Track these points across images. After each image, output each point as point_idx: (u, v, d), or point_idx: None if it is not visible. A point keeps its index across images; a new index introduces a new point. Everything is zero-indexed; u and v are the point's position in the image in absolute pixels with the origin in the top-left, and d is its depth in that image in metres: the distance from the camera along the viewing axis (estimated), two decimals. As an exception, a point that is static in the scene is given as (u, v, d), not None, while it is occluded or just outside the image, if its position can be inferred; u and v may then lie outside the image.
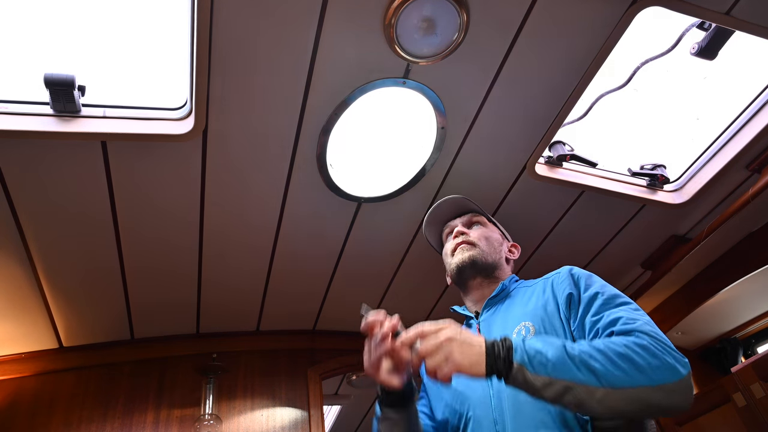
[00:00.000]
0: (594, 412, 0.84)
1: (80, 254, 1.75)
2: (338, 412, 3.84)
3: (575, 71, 1.45)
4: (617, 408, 0.82)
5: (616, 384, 0.83)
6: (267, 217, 1.79)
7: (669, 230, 2.15)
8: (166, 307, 2.13)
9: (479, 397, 1.06)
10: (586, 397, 0.83)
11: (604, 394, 0.82)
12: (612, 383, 0.83)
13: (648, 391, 0.82)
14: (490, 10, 1.28)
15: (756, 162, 1.79)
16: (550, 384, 0.85)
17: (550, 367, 0.85)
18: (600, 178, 1.88)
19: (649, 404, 0.82)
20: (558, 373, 0.85)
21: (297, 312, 2.38)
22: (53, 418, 2.00)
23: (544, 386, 0.85)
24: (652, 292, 2.43)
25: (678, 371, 0.84)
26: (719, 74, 1.72)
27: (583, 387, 0.83)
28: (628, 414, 0.84)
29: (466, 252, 1.30)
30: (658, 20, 1.40)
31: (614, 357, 0.85)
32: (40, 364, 2.10)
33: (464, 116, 1.57)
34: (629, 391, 0.82)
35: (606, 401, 0.82)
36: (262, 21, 1.23)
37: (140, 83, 1.47)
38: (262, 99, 1.40)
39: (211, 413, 2.13)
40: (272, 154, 1.57)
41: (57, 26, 1.36)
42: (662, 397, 0.82)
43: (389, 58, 1.35)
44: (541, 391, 0.85)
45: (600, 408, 0.83)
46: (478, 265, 1.28)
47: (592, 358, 0.85)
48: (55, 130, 1.33)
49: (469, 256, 1.29)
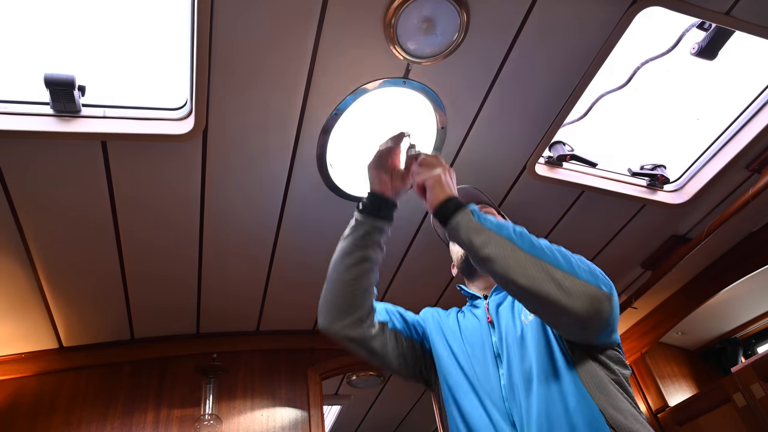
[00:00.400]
0: (504, 271, 0.92)
1: (80, 254, 1.75)
2: (338, 412, 3.84)
3: (575, 71, 1.45)
4: (528, 274, 0.90)
5: (539, 255, 0.92)
6: (267, 217, 1.79)
7: (669, 230, 2.15)
8: (166, 307, 2.13)
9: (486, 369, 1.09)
10: (507, 254, 0.92)
11: (524, 257, 0.91)
12: (536, 254, 0.92)
13: (561, 273, 0.90)
14: (490, 10, 1.28)
15: (756, 162, 1.79)
16: (483, 232, 0.97)
17: (491, 224, 0.99)
18: (600, 178, 1.88)
19: (558, 283, 0.88)
20: (495, 229, 0.97)
21: (297, 312, 2.38)
22: (53, 418, 2.00)
23: (477, 231, 0.97)
24: (652, 292, 2.43)
25: (598, 278, 0.92)
26: (719, 74, 1.72)
27: (509, 244, 0.94)
28: (532, 290, 0.89)
29: None
30: (658, 20, 1.40)
31: (550, 245, 0.97)
32: (41, 364, 2.10)
33: (464, 116, 1.57)
34: (547, 265, 0.91)
35: (522, 263, 0.91)
36: (263, 21, 1.23)
37: (140, 83, 1.47)
38: (262, 99, 1.40)
39: (211, 413, 2.13)
40: (272, 154, 1.57)
41: (57, 26, 1.36)
42: (571, 284, 0.89)
43: (389, 58, 1.35)
44: (472, 235, 0.97)
45: (512, 270, 0.91)
46: None
47: (532, 237, 0.97)
48: (55, 130, 1.33)
49: None
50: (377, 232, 1.17)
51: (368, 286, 1.16)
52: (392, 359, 1.19)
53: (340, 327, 1.13)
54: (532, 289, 0.90)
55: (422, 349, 1.25)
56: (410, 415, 3.94)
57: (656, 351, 2.94)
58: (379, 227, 1.17)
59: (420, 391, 3.56)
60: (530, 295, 0.91)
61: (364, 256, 1.15)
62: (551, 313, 0.92)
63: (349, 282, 1.14)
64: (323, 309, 1.16)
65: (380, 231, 1.18)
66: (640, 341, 2.79)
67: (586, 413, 0.90)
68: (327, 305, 1.16)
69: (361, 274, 1.14)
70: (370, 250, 1.16)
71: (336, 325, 1.14)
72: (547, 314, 0.94)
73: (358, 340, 1.14)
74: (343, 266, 1.16)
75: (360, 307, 1.14)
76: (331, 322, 1.14)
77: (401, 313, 1.28)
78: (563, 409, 0.92)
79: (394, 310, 1.26)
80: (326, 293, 1.17)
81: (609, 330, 0.96)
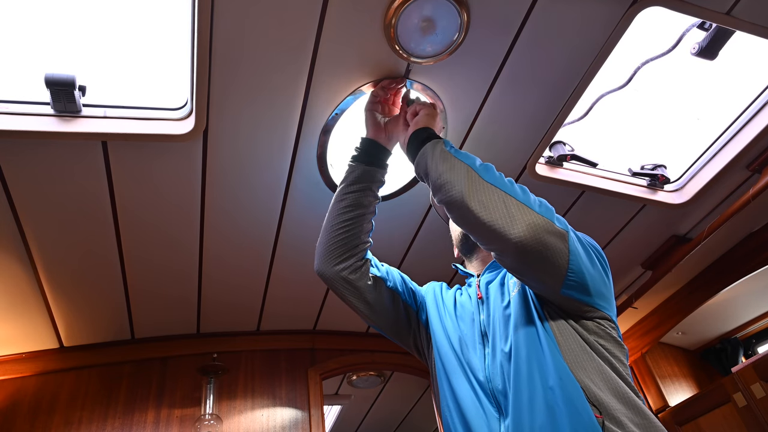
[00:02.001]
0: (460, 196, 0.96)
1: (81, 254, 1.75)
2: (338, 412, 3.85)
3: (575, 71, 1.45)
4: (482, 199, 0.94)
5: (497, 184, 0.97)
6: (268, 216, 1.79)
7: (669, 230, 2.15)
8: (166, 307, 2.13)
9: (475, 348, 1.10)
10: (465, 179, 0.97)
11: (482, 184, 0.96)
12: (495, 182, 0.97)
13: (515, 201, 0.93)
14: (490, 11, 1.28)
15: (756, 162, 1.79)
16: (449, 160, 1.02)
17: (459, 154, 1.04)
18: (600, 178, 1.87)
19: (507, 209, 0.92)
20: (461, 157, 1.02)
21: (297, 312, 2.38)
22: (54, 418, 2.01)
23: (444, 159, 1.02)
24: (652, 292, 2.43)
25: (552, 214, 0.95)
26: (719, 74, 1.72)
27: (472, 173, 0.98)
28: (482, 216, 0.93)
29: None
30: (659, 20, 1.40)
31: (508, 179, 1.00)
32: (41, 364, 2.10)
33: (464, 116, 1.57)
34: (503, 193, 0.95)
35: (479, 188, 0.96)
36: (263, 21, 1.23)
37: (141, 83, 1.47)
38: (262, 99, 1.40)
39: (211, 413, 2.13)
40: (273, 154, 1.57)
41: (57, 26, 1.36)
42: (518, 211, 0.92)
43: (389, 58, 1.35)
44: (439, 161, 1.03)
45: (468, 195, 0.95)
46: None
47: (495, 170, 1.02)
48: (55, 130, 1.33)
49: None
50: (368, 177, 1.20)
51: (360, 233, 1.19)
52: (385, 317, 1.22)
53: (332, 271, 1.16)
54: (482, 215, 0.93)
55: (417, 318, 1.26)
56: (410, 415, 3.95)
57: (656, 351, 2.94)
58: (370, 172, 1.20)
59: (420, 391, 3.56)
60: (480, 222, 0.93)
61: (356, 201, 1.18)
62: (493, 240, 0.94)
63: (340, 226, 1.17)
64: (318, 252, 1.20)
65: (371, 176, 1.21)
66: (640, 341, 2.80)
67: (566, 390, 0.88)
68: (321, 248, 1.19)
69: (353, 219, 1.17)
70: (361, 196, 1.19)
71: (328, 268, 1.16)
72: (489, 241, 0.96)
73: (352, 286, 1.16)
74: (335, 211, 1.19)
75: (352, 253, 1.17)
76: (324, 265, 1.17)
77: (403, 277, 1.30)
78: (542, 386, 0.91)
79: (396, 271, 1.29)
80: (320, 237, 1.21)
81: (574, 278, 0.93)
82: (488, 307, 1.12)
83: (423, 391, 3.53)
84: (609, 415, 0.85)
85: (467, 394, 1.04)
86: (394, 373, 3.14)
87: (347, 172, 1.23)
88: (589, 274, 0.96)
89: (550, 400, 0.89)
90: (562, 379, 0.90)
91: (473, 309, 1.16)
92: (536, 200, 0.97)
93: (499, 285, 1.14)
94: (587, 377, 0.90)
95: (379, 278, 1.22)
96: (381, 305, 1.20)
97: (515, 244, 0.89)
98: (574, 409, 0.86)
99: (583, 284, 0.95)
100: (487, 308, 1.13)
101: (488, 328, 1.09)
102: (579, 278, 0.94)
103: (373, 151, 1.24)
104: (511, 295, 1.07)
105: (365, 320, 1.23)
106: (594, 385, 0.89)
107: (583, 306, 0.98)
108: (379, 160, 1.23)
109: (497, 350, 1.03)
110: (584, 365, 0.92)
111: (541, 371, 0.93)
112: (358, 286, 1.17)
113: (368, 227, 1.21)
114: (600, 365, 0.92)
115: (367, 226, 1.21)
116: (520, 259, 0.93)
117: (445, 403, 1.09)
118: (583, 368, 0.91)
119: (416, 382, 3.15)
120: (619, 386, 0.90)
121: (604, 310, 1.00)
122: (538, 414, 0.89)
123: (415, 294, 1.29)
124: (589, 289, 0.96)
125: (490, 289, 1.16)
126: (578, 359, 0.92)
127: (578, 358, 0.93)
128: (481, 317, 1.13)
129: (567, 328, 0.97)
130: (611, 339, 0.98)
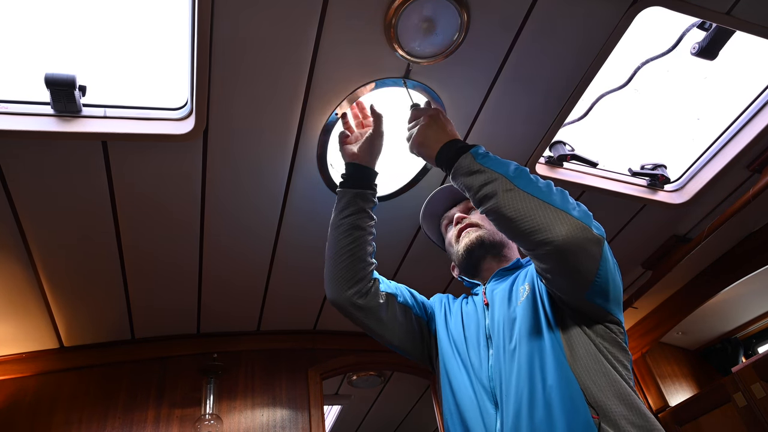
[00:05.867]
0: (497, 202, 0.96)
1: (81, 254, 1.75)
2: (339, 412, 3.85)
3: (575, 71, 1.45)
4: (518, 207, 0.93)
5: (532, 191, 0.95)
6: (268, 216, 1.79)
7: (669, 230, 2.15)
8: (166, 307, 2.13)
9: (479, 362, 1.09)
10: (500, 188, 0.96)
11: (519, 196, 0.95)
12: (531, 190, 0.95)
13: (553, 207, 0.92)
14: (490, 11, 1.28)
15: (756, 162, 1.79)
16: (483, 173, 1.01)
17: (491, 161, 1.03)
18: (600, 178, 1.88)
19: (546, 211, 0.91)
20: (494, 166, 1.01)
21: (298, 312, 2.38)
22: (54, 418, 2.00)
23: (480, 172, 1.01)
24: (652, 292, 2.43)
25: (590, 219, 0.93)
26: (719, 74, 1.72)
27: (507, 183, 0.97)
28: (521, 221, 0.92)
29: (473, 233, 1.30)
30: (659, 20, 1.40)
31: (549, 183, 0.99)
32: (41, 364, 2.10)
33: (465, 116, 1.57)
34: (536, 200, 0.94)
35: (516, 198, 0.94)
36: (263, 21, 1.23)
37: (141, 83, 1.47)
38: (262, 99, 1.40)
39: (211, 413, 2.13)
40: (273, 154, 1.57)
41: (57, 26, 1.36)
42: (557, 213, 0.91)
43: (389, 58, 1.35)
44: (473, 177, 1.01)
45: (503, 199, 0.95)
46: (487, 243, 1.28)
47: (531, 175, 1.00)
48: (55, 130, 1.33)
49: (476, 237, 1.28)
50: (359, 200, 1.21)
51: (363, 255, 1.19)
52: (400, 333, 1.22)
53: (344, 298, 1.16)
54: (520, 224, 0.92)
55: (428, 329, 1.28)
56: (410, 415, 3.94)
57: (656, 351, 2.94)
58: (359, 195, 1.21)
59: (420, 391, 3.56)
60: (518, 231, 0.93)
61: (352, 225, 1.19)
62: (533, 241, 0.93)
63: (342, 252, 1.18)
64: (326, 283, 1.20)
65: (362, 198, 1.21)
66: (640, 341, 2.79)
67: (565, 389, 0.89)
68: (328, 278, 1.20)
69: (353, 243, 1.18)
70: (356, 219, 1.19)
71: (341, 296, 1.17)
72: (528, 242, 0.95)
73: (365, 308, 1.17)
74: (334, 238, 1.20)
75: (360, 277, 1.17)
76: (335, 293, 1.18)
77: (411, 291, 1.31)
78: (542, 384, 0.92)
79: (403, 287, 1.30)
80: (326, 267, 1.21)
81: (600, 284, 0.93)
82: (494, 312, 1.13)
83: (423, 391, 3.53)
84: (606, 416, 0.86)
85: (467, 394, 1.04)
86: (394, 373, 3.14)
87: (337, 199, 1.25)
88: (612, 281, 0.97)
89: (549, 398, 0.90)
90: (562, 378, 0.91)
91: (479, 314, 1.17)
92: (574, 204, 0.96)
93: (506, 291, 1.15)
94: (589, 379, 0.91)
95: (391, 294, 1.23)
96: (394, 321, 1.21)
97: (553, 249, 0.90)
98: (572, 408, 0.87)
99: (606, 290, 0.96)
100: (493, 313, 1.13)
101: (493, 330, 1.10)
102: (604, 284, 0.95)
103: (358, 175, 1.25)
104: (519, 300, 1.08)
105: (381, 341, 1.24)
106: (596, 387, 0.89)
107: (600, 311, 0.99)
108: (365, 183, 1.25)
109: (501, 350, 1.04)
110: (588, 367, 0.93)
111: (542, 370, 0.93)
112: (370, 307, 1.18)
113: (370, 249, 1.22)
114: (605, 368, 0.93)
115: (369, 248, 1.22)
116: (555, 263, 0.94)
117: (447, 407, 1.10)
118: (586, 370, 0.92)
119: (416, 382, 3.15)
120: (622, 389, 0.91)
121: (616, 315, 1.02)
122: (536, 411, 0.90)
123: (425, 306, 1.31)
124: (609, 295, 0.98)
125: (496, 295, 1.16)
126: (583, 361, 0.93)
127: (583, 360, 0.94)
128: (486, 321, 1.14)
129: (575, 332, 0.98)
130: (617, 344, 1.00)
